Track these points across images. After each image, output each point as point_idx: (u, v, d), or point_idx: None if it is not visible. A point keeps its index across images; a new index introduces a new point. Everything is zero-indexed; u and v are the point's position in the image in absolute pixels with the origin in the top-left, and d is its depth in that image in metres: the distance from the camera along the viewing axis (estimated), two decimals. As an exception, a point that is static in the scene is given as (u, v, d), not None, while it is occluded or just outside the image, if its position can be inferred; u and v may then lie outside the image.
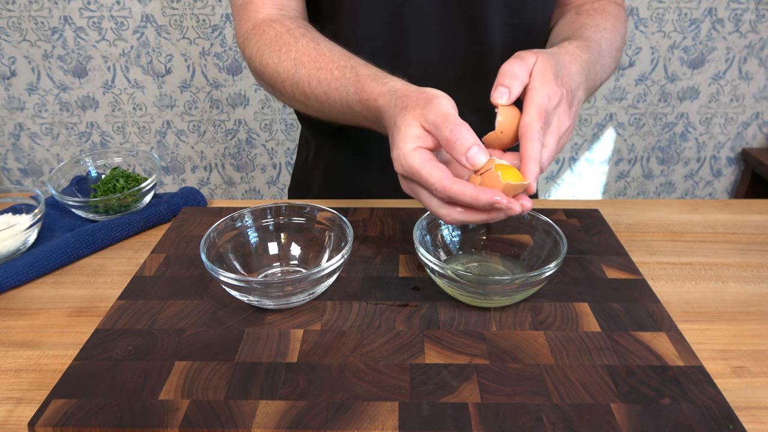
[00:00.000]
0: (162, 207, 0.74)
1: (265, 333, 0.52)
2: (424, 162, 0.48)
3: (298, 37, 0.64)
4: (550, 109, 0.51)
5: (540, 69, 0.52)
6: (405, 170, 0.49)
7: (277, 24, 0.66)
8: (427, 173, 0.47)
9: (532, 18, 0.72)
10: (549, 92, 0.51)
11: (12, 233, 0.63)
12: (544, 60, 0.52)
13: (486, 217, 0.48)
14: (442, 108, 0.48)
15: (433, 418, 0.43)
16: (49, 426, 0.42)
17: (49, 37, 1.76)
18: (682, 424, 0.42)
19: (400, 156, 0.49)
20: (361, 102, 0.57)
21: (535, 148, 0.49)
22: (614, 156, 1.98)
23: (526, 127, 0.49)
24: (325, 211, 0.61)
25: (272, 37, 0.65)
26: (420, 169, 0.48)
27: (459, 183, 0.47)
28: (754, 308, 0.58)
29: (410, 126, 0.49)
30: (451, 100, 0.50)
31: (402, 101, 0.51)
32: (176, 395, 0.45)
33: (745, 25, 1.77)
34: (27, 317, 0.57)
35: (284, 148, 1.96)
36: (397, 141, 0.50)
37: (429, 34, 0.70)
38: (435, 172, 0.47)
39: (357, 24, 0.70)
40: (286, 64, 0.63)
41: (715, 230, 0.72)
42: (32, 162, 1.97)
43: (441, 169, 0.48)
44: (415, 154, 0.48)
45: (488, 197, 0.46)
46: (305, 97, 0.63)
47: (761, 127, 1.94)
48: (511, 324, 0.52)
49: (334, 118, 0.64)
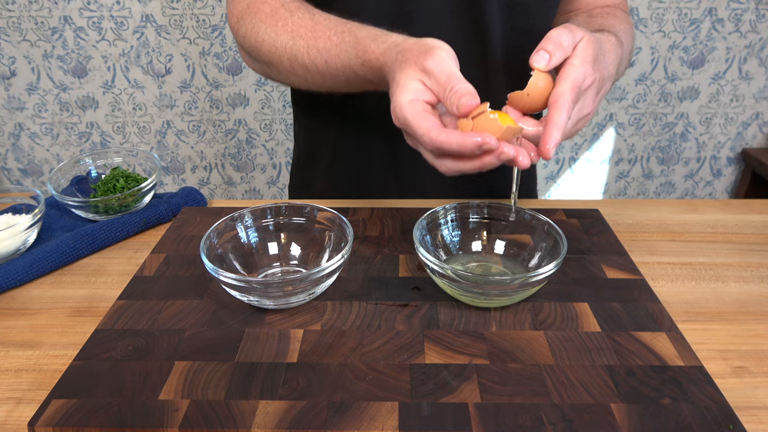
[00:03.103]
0: (162, 207, 0.74)
1: (265, 333, 0.52)
2: (416, 113, 0.47)
3: (293, 10, 0.64)
4: (583, 89, 0.51)
5: (583, 47, 0.52)
6: (399, 122, 0.49)
7: (271, 0, 0.66)
8: (417, 124, 0.47)
9: (533, 23, 0.72)
10: (585, 72, 0.51)
11: (12, 233, 0.63)
12: (588, 40, 0.52)
13: (479, 164, 0.46)
14: (441, 59, 0.48)
15: (433, 418, 0.43)
16: (49, 426, 0.42)
17: (49, 37, 1.76)
18: (682, 424, 0.42)
19: (396, 108, 0.49)
20: (365, 64, 0.56)
21: (562, 117, 0.48)
22: (614, 156, 1.98)
23: (558, 95, 0.49)
24: (325, 211, 0.61)
25: (267, 12, 0.65)
26: (411, 121, 0.47)
27: (445, 132, 0.46)
28: (754, 308, 0.58)
29: (409, 78, 0.49)
30: (450, 51, 0.50)
31: (402, 54, 0.51)
32: (176, 395, 0.45)
33: (745, 25, 1.77)
34: (27, 317, 0.57)
35: (284, 148, 1.96)
36: (395, 93, 0.50)
37: (437, 35, 0.70)
38: (424, 122, 0.47)
39: (359, 18, 0.70)
40: (284, 37, 0.63)
41: (715, 230, 0.72)
42: (32, 162, 1.97)
43: (430, 120, 0.47)
44: (410, 105, 0.48)
45: (473, 140, 0.44)
46: (305, 69, 0.63)
47: (761, 127, 1.94)
48: (511, 324, 0.52)
49: (336, 89, 0.63)
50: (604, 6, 0.75)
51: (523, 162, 0.46)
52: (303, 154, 0.89)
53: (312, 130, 0.86)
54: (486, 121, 0.46)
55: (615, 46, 0.59)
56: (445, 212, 0.62)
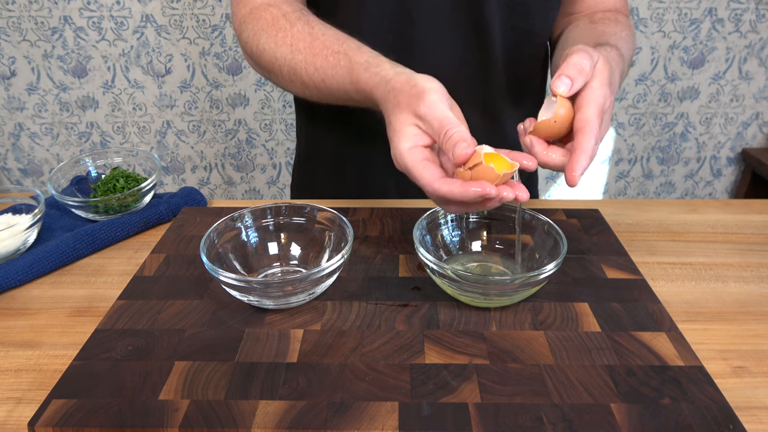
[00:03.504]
0: (162, 207, 0.74)
1: (265, 333, 0.52)
2: (416, 163, 0.49)
3: (294, 21, 0.64)
4: (605, 111, 0.51)
5: (600, 69, 0.52)
6: (401, 169, 0.51)
7: (273, 8, 0.66)
8: (419, 174, 0.49)
9: (533, 24, 0.72)
10: (605, 95, 0.51)
11: (12, 233, 0.63)
12: (604, 62, 0.53)
13: (482, 206, 0.49)
14: (432, 102, 0.49)
15: (433, 418, 0.43)
16: (49, 426, 0.42)
17: (49, 37, 1.76)
18: (682, 424, 0.42)
19: (396, 155, 0.51)
20: (358, 92, 0.58)
21: (590, 144, 0.49)
22: (614, 156, 1.98)
23: (586, 122, 0.50)
24: (325, 211, 0.61)
25: (269, 21, 0.65)
26: (413, 170, 0.49)
27: (448, 183, 0.47)
28: (754, 308, 0.58)
29: (405, 124, 0.51)
30: (441, 90, 0.51)
31: (394, 96, 0.52)
32: (176, 395, 0.45)
33: (745, 25, 1.77)
34: (27, 317, 0.57)
35: (284, 148, 1.96)
36: (393, 139, 0.51)
37: (438, 34, 0.70)
38: (426, 173, 0.49)
39: (361, 20, 0.70)
40: (283, 49, 0.64)
41: (715, 230, 0.72)
42: (32, 162, 1.97)
43: (431, 169, 0.49)
44: (410, 153, 0.50)
45: (475, 191, 0.46)
46: (303, 85, 0.64)
47: (761, 127, 1.94)
48: (511, 324, 0.52)
49: (334, 102, 0.65)
50: (606, 10, 0.75)
51: (522, 197, 0.48)
52: (304, 156, 0.89)
53: (313, 134, 0.86)
54: (483, 170, 0.48)
55: (618, 62, 0.60)
56: (445, 212, 0.62)
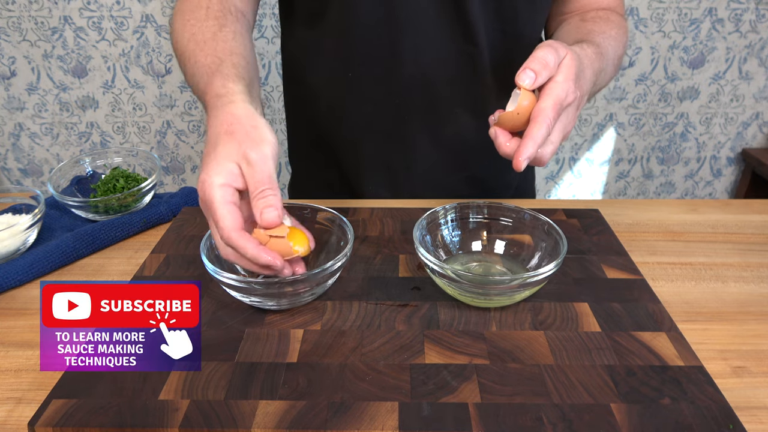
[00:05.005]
0: (162, 207, 0.74)
1: (265, 333, 0.52)
2: (223, 203, 0.48)
3: (209, 17, 0.64)
4: (565, 105, 0.53)
5: (567, 65, 0.54)
6: (204, 200, 0.49)
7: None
8: (221, 215, 0.48)
9: (521, 28, 0.72)
10: (568, 89, 0.53)
11: (12, 233, 0.63)
12: (572, 58, 0.54)
13: (257, 270, 0.50)
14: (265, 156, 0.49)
15: (433, 418, 0.43)
16: (49, 426, 0.42)
17: (49, 37, 1.76)
18: (682, 424, 0.42)
19: (205, 184, 0.49)
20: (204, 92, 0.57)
21: (540, 132, 0.51)
22: (614, 156, 1.98)
23: (540, 111, 0.51)
24: (325, 211, 0.61)
25: (191, 6, 0.66)
26: (216, 208, 0.48)
27: (244, 239, 0.48)
28: (754, 308, 0.58)
29: (227, 159, 0.49)
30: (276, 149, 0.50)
31: (231, 122, 0.51)
32: (176, 395, 0.45)
33: (745, 25, 1.77)
34: (27, 317, 0.57)
35: (284, 148, 1.95)
36: (208, 165, 0.50)
37: (426, 38, 0.70)
38: (228, 218, 0.48)
39: (349, 25, 0.70)
40: (186, 35, 0.64)
41: (715, 230, 0.72)
42: (32, 162, 1.97)
43: (234, 216, 0.48)
44: (220, 190, 0.48)
45: (265, 259, 0.48)
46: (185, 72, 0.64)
47: (761, 127, 1.94)
48: (511, 324, 0.52)
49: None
50: (599, 9, 0.75)
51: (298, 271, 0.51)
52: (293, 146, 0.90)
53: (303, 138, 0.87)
54: (282, 243, 0.49)
55: (593, 59, 0.60)
56: (445, 212, 0.62)
